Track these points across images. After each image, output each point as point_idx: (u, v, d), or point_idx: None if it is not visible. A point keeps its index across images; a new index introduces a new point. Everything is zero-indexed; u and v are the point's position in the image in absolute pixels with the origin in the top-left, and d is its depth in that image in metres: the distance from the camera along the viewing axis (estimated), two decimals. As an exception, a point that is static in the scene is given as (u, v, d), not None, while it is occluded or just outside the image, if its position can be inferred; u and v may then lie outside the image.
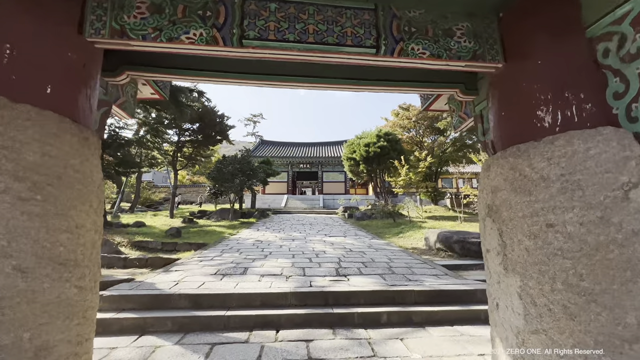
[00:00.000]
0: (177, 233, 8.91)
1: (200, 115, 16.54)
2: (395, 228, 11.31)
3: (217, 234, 9.90)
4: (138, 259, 5.50)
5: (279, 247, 7.13)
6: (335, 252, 6.50)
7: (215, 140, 18.26)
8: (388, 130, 16.64)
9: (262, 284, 3.99)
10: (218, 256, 5.94)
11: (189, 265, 5.09)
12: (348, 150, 17.16)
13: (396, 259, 5.84)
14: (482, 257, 5.29)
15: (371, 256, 6.04)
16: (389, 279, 4.38)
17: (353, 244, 7.68)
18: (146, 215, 17.86)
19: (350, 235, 9.85)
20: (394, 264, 5.36)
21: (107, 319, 3.06)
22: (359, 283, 4.08)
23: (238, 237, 8.97)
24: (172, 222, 14.09)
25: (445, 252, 6.54)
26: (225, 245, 7.39)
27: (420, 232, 9.48)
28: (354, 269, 4.91)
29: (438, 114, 17.23)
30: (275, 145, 36.94)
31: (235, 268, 4.83)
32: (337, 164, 32.86)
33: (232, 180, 14.42)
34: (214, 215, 16.92)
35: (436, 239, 6.98)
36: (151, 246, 7.26)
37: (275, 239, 8.53)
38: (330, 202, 26.67)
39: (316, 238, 8.86)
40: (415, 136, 18.68)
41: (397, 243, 8.21)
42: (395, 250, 6.99)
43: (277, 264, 5.16)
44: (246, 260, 5.46)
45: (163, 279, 4.17)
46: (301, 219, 16.55)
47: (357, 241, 8.33)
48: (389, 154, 15.34)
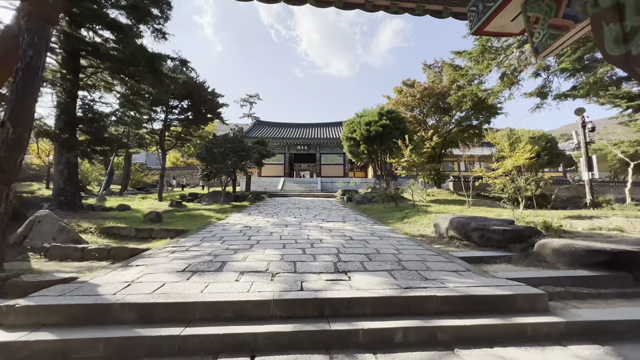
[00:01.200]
0: (157, 218, 8.00)
1: (187, 90, 15.33)
2: (399, 212, 10.47)
3: (204, 218, 9.01)
4: (99, 250, 4.60)
5: (269, 234, 6.25)
6: (333, 240, 5.63)
7: (205, 119, 17.09)
8: (391, 108, 15.48)
9: (240, 285, 3.11)
10: (195, 246, 5.05)
11: (155, 258, 4.20)
12: (348, 129, 16.05)
13: (405, 249, 4.98)
14: (505, 248, 4.34)
15: (375, 246, 5.17)
16: (400, 276, 3.51)
17: (354, 231, 6.82)
18: (134, 199, 16.98)
19: (350, 220, 8.99)
20: (403, 256, 4.50)
21: (12, 343, 2.18)
22: (362, 284, 3.21)
23: (225, 222, 8.09)
24: (159, 206, 13.21)
25: (460, 241, 5.69)
26: (208, 232, 6.50)
27: (426, 217, 8.62)
28: (356, 263, 4.03)
29: (446, 89, 16.05)
30: (272, 126, 35.62)
31: (210, 262, 3.94)
32: (336, 146, 31.74)
33: (223, 160, 13.41)
34: (205, 198, 16.03)
35: (448, 226, 6.11)
36: (123, 233, 6.36)
37: (267, 225, 7.66)
38: (328, 185, 25.81)
39: (312, 224, 8.00)
40: (419, 115, 17.53)
41: (403, 230, 7.35)
42: (401, 238, 6.13)
43: (264, 257, 4.28)
44: (227, 252, 4.58)
45: (114, 279, 3.27)
46: (297, 203, 15.69)
47: (358, 227, 7.47)
48: (392, 134, 14.26)
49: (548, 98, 10.81)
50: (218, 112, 17.57)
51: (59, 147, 8.83)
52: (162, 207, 12.78)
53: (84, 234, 6.04)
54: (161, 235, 6.27)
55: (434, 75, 16.87)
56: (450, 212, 9.98)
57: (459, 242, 5.72)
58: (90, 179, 22.20)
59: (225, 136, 14.60)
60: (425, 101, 16.08)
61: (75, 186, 9.02)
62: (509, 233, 4.97)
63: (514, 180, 8.95)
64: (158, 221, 7.89)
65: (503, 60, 9.07)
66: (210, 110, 16.55)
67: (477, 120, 18.83)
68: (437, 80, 16.64)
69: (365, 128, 14.56)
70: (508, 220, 5.73)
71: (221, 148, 13.63)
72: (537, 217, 7.04)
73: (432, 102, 15.88)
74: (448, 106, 18.20)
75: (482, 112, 17.77)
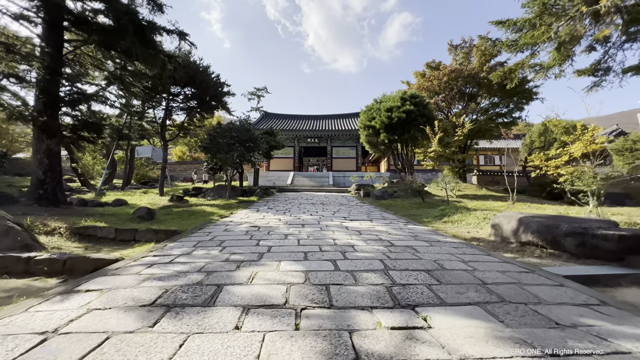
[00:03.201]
0: (149, 215, 6.70)
1: (190, 75, 14.03)
2: (431, 209, 8.97)
3: (205, 215, 7.69)
4: (50, 261, 3.30)
5: (283, 237, 4.86)
6: (370, 247, 4.21)
7: (210, 107, 15.79)
8: (414, 92, 13.85)
9: (241, 340, 1.72)
10: (184, 255, 3.69)
11: (121, 278, 2.85)
12: (365, 117, 14.49)
13: (475, 262, 3.53)
14: (620, 261, 2.70)
15: (431, 256, 3.74)
16: (508, 317, 2.08)
17: (389, 233, 5.39)
18: (135, 193, 15.89)
19: (377, 218, 7.56)
20: (482, 274, 3.05)
21: None
22: (455, 336, 1.79)
23: (229, 221, 6.75)
24: (159, 201, 12.04)
25: (541, 249, 4.20)
26: (206, 233, 5.14)
27: (471, 215, 7.12)
28: (420, 288, 2.61)
29: (476, 71, 14.33)
30: (280, 118, 34.23)
31: (199, 287, 2.56)
32: (348, 138, 30.23)
33: (229, 151, 12.09)
34: (210, 192, 14.82)
35: (517, 228, 4.63)
36: (101, 234, 5.08)
37: (279, 224, 6.28)
38: (340, 179, 24.37)
39: (334, 223, 6.59)
40: (441, 102, 15.85)
41: (448, 231, 5.89)
42: (455, 243, 4.67)
43: (279, 275, 2.89)
44: (226, 266, 3.21)
45: (27, 324, 1.93)
46: (310, 198, 14.32)
47: (391, 228, 6.03)
48: (416, 120, 12.67)
49: (610, 74, 9.09)
50: (223, 101, 16.22)
51: (37, 132, 7.60)
52: (162, 202, 11.60)
53: (49, 235, 4.76)
54: (147, 237, 4.96)
55: (462, 56, 15.14)
56: (493, 209, 8.46)
57: (539, 250, 4.22)
58: (92, 173, 21.23)
59: (230, 124, 13.28)
60: (452, 85, 14.39)
61: (58, 178, 7.80)
62: (628, 241, 3.46)
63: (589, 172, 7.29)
64: (149, 219, 6.60)
65: (565, 25, 7.42)
66: (214, 98, 15.21)
67: (507, 108, 17.05)
68: (466, 61, 14.93)
69: (385, 115, 12.97)
70: (609, 222, 4.21)
71: (226, 137, 12.31)
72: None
73: (460, 84, 14.19)
74: (475, 92, 16.49)
75: (513, 98, 16.00)
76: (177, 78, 13.71)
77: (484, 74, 13.82)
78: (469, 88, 15.75)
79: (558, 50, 8.13)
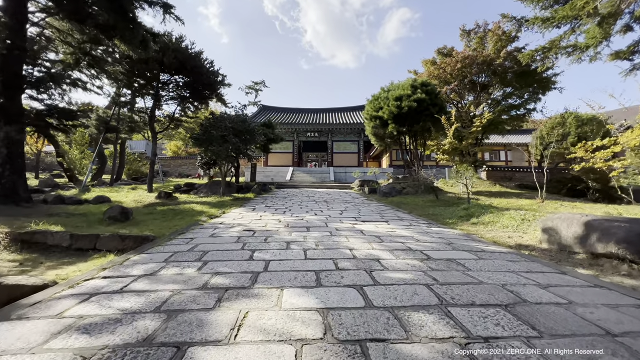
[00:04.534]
0: (122, 215, 5.58)
1: (180, 61, 12.84)
2: (450, 208, 7.94)
3: (192, 215, 6.61)
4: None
5: (285, 246, 3.78)
6: (400, 262, 3.16)
7: (203, 96, 14.62)
8: (425, 80, 12.72)
9: None
10: (147, 276, 2.62)
11: (20, 329, 1.77)
12: (371, 107, 13.33)
13: (555, 286, 2.49)
14: None
15: (490, 276, 2.69)
16: None
17: (416, 240, 4.32)
18: (123, 189, 14.78)
19: (393, 219, 6.50)
20: (589, 312, 2.01)
21: None
22: None
23: (219, 223, 5.66)
24: (146, 198, 10.93)
25: (629, 265, 3.16)
26: (186, 241, 4.05)
27: (505, 216, 6.08)
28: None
29: (492, 57, 13.21)
30: (279, 111, 33.01)
31: (142, 354, 1.49)
32: (350, 132, 29.10)
33: (222, 143, 10.97)
34: (203, 189, 13.70)
35: (587, 234, 3.59)
36: (52, 241, 3.99)
37: (278, 227, 5.21)
38: (341, 175, 23.31)
39: (344, 225, 5.52)
40: (453, 91, 14.73)
41: (484, 236, 4.84)
42: (505, 254, 3.63)
43: (281, 319, 1.83)
44: (203, 297, 2.14)
45: None
46: (311, 195, 13.26)
47: (416, 232, 4.97)
48: (428, 110, 11.57)
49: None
50: (218, 91, 15.05)
51: (-7, 117, 6.45)
52: (148, 199, 10.50)
53: (-18, 243, 3.66)
54: (110, 245, 3.88)
55: (477, 41, 14.01)
56: (525, 208, 7.45)
57: (627, 265, 3.18)
58: (79, 167, 20.01)
59: (224, 114, 12.14)
60: (465, 73, 13.28)
61: (19, 171, 6.67)
62: None
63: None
64: (122, 220, 5.50)
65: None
66: (208, 87, 14.04)
67: (521, 99, 15.97)
68: (480, 47, 13.80)
69: (394, 104, 11.84)
70: None
71: (219, 128, 11.17)
72: None
73: (474, 72, 13.06)
74: (487, 82, 15.40)
75: (529, 88, 14.91)
76: (166, 63, 12.52)
77: (500, 61, 12.71)
78: (482, 77, 14.63)
79: (600, 26, 7.05)
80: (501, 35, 13.17)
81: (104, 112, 18.26)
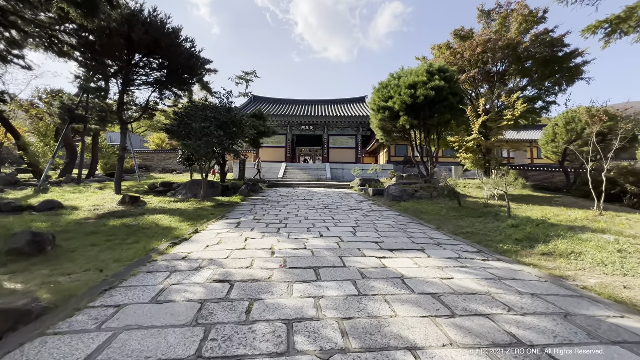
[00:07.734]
0: (33, 247, 3.64)
1: (153, 37, 10.71)
2: (484, 220, 6.28)
3: (150, 237, 4.73)
4: None
5: (281, 339, 2.00)
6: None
7: (183, 81, 12.51)
8: (442, 65, 10.92)
9: None
10: None
11: None
12: (379, 97, 11.44)
13: None
14: None
15: None
16: None
17: (498, 301, 2.59)
18: (89, 188, 12.67)
19: (428, 243, 4.76)
20: None
21: None
22: None
23: (182, 258, 3.82)
24: (109, 202, 8.97)
25: None
26: (99, 321, 2.21)
27: (587, 244, 4.42)
28: None
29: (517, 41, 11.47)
30: (271, 102, 30.87)
31: None
32: (348, 126, 27.27)
33: (202, 137, 9.04)
34: (182, 189, 11.74)
35: None
36: None
37: (271, 269, 3.41)
38: (339, 172, 21.54)
39: (369, 262, 3.74)
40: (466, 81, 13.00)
41: (586, 283, 3.16)
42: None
43: None
44: None
45: None
46: (309, 197, 11.47)
47: (482, 279, 3.24)
48: (447, 100, 9.83)
49: None
50: (200, 75, 12.95)
51: None
52: (110, 204, 8.54)
53: None
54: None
55: (500, 22, 12.24)
56: (572, 222, 5.85)
57: None
58: (43, 162, 17.67)
59: (205, 102, 10.18)
60: (486, 59, 11.51)
61: None
62: None
63: None
64: (32, 254, 3.58)
65: None
66: (188, 70, 11.95)
67: (540, 91, 14.40)
68: (502, 28, 12.05)
69: (407, 93, 10.00)
70: None
71: (199, 119, 9.22)
72: None
73: (499, 57, 11.32)
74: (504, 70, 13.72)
75: (551, 78, 13.31)
76: (135, 40, 10.40)
77: (527, 44, 11.01)
78: (500, 65, 12.95)
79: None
80: (527, 15, 11.45)
81: (70, 100, 15.99)
